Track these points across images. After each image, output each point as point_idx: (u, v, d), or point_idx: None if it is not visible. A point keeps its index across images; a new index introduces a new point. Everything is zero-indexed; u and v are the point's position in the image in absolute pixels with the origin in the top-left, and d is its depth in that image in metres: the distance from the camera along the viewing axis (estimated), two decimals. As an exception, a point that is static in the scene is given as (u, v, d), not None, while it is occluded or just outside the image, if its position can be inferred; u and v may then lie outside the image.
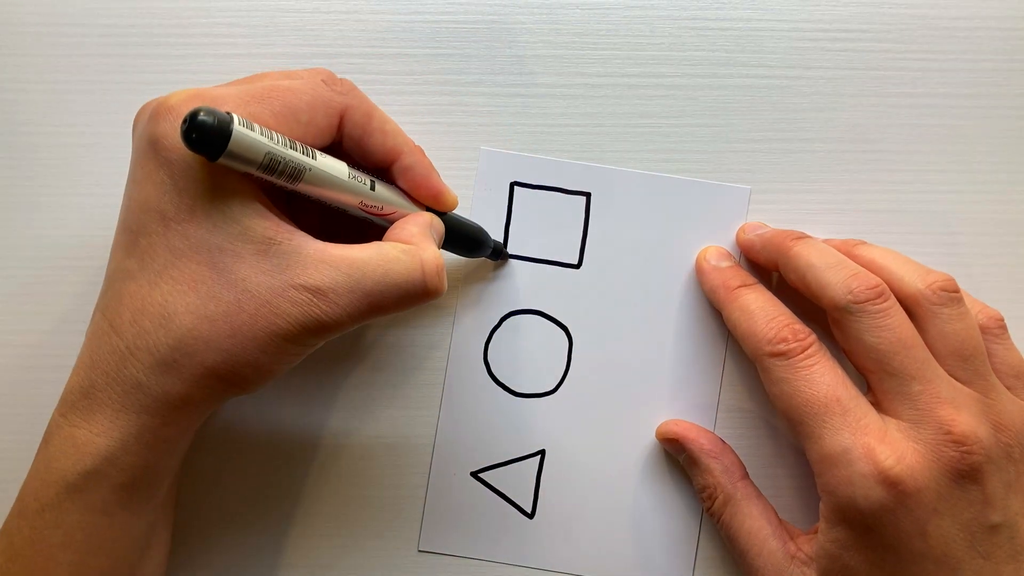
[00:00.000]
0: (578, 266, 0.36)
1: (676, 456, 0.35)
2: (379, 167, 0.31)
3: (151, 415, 0.27)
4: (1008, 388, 0.31)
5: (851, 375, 0.31)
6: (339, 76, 0.31)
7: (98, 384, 0.27)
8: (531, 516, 0.36)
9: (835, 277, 0.31)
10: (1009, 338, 0.33)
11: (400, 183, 0.32)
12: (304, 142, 0.28)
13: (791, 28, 0.36)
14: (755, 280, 0.35)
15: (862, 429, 0.29)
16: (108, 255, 0.37)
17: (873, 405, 0.31)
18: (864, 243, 0.35)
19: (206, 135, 0.24)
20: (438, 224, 0.32)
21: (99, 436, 0.27)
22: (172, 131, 0.26)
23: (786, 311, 0.33)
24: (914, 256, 0.36)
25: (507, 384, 0.36)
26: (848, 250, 0.34)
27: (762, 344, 0.32)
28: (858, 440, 0.29)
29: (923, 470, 0.29)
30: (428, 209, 0.32)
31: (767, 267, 0.35)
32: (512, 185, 0.36)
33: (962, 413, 0.29)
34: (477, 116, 0.36)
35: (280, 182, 0.27)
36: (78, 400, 0.27)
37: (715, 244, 0.36)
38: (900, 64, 0.36)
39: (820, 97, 0.36)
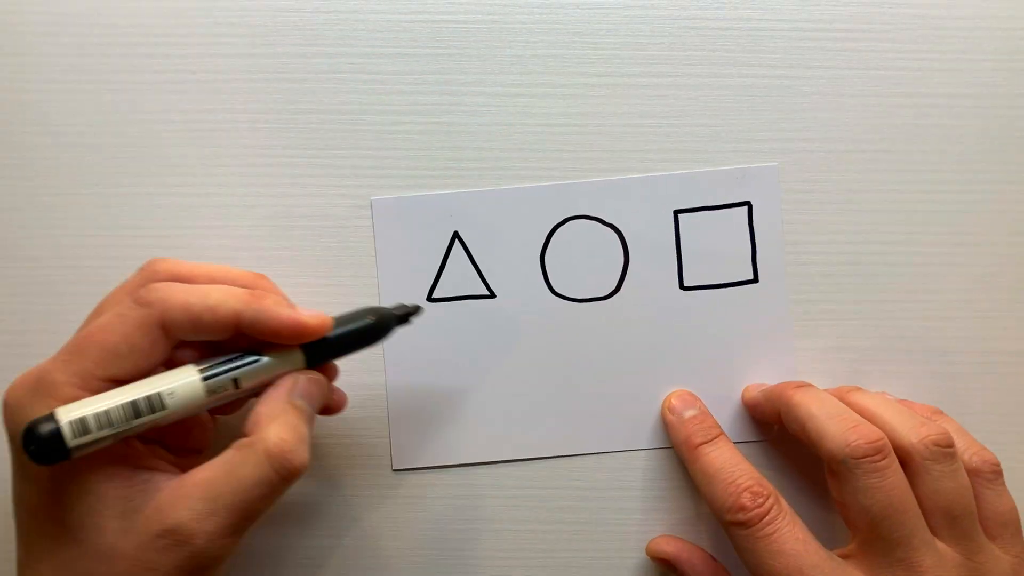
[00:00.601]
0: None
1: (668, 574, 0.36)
2: (236, 338, 0.29)
3: None
4: (994, 537, 0.31)
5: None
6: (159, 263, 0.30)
7: None
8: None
9: (834, 428, 0.31)
10: (1002, 483, 0.32)
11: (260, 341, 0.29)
12: (140, 368, 0.27)
13: (791, 28, 0.36)
14: (719, 432, 0.34)
15: None
16: (108, 255, 0.37)
17: (849, 556, 0.31)
18: (858, 389, 0.34)
19: (46, 454, 0.25)
20: (305, 381, 0.29)
21: None
22: (12, 427, 0.27)
23: (747, 469, 0.32)
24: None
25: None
26: (841, 396, 0.33)
27: (722, 512, 0.31)
28: None
29: None
30: (306, 346, 0.29)
31: (772, 421, 0.35)
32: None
33: None
34: (477, 116, 0.36)
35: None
36: None
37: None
38: (900, 64, 0.36)
39: (820, 97, 0.36)
